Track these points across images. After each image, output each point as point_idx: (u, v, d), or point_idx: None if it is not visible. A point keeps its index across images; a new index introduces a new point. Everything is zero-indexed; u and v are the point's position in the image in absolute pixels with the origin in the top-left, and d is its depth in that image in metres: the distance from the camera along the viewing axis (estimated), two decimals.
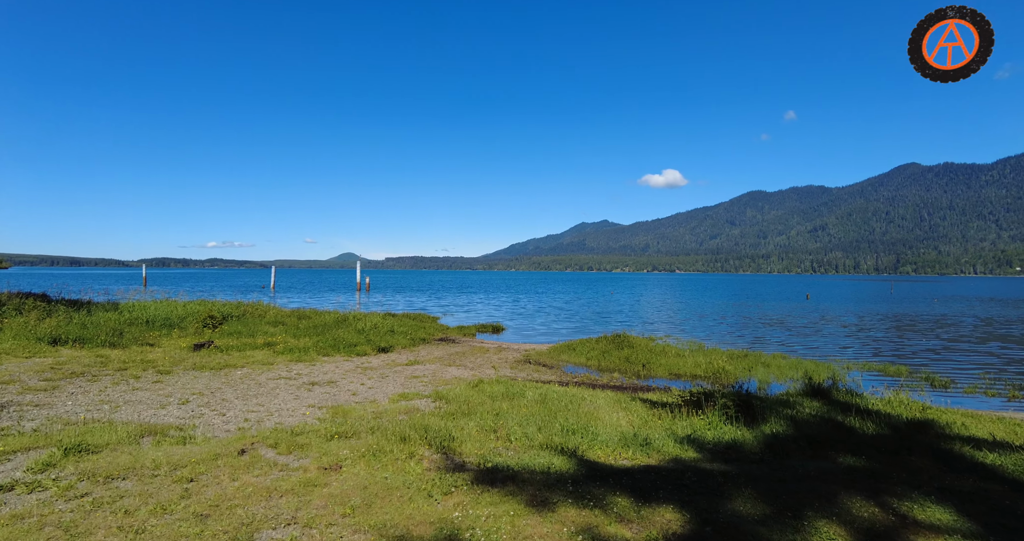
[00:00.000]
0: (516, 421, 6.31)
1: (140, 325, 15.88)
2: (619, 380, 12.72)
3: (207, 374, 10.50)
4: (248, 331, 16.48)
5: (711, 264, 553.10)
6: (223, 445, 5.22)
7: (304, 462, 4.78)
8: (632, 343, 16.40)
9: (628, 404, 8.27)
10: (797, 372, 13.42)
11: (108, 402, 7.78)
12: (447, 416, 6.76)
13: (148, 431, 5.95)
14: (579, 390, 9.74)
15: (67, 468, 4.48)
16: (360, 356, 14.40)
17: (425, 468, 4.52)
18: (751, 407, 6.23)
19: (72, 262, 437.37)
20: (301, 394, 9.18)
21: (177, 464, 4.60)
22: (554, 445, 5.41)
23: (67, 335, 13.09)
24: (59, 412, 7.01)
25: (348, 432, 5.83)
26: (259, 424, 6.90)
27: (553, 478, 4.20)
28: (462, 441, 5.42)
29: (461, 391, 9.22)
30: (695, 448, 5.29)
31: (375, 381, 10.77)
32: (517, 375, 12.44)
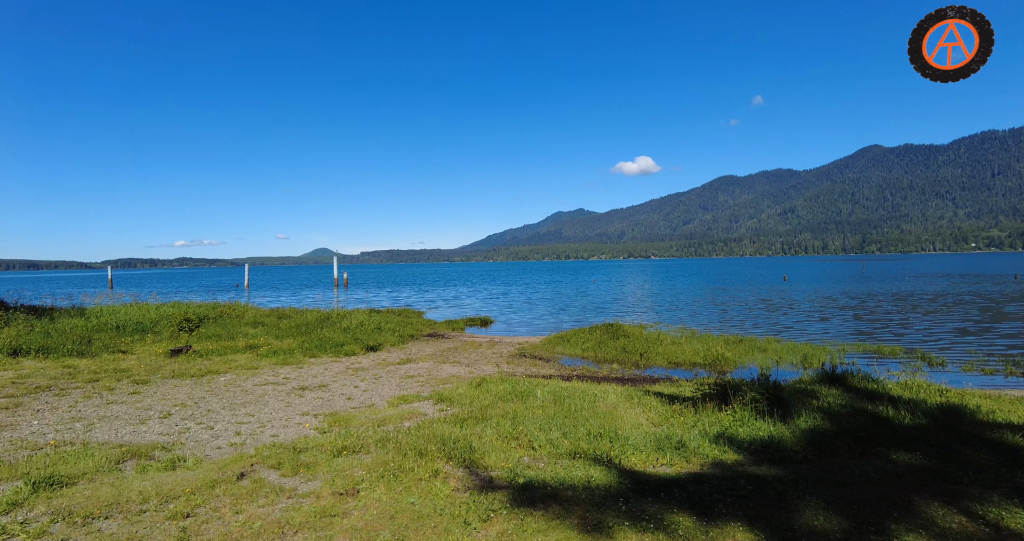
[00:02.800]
0: (536, 425, 5.89)
1: (110, 331, 14.94)
2: (619, 371, 12.44)
3: (188, 382, 9.80)
4: (227, 333, 15.67)
5: (685, 249, 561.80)
6: (219, 468, 4.66)
7: (314, 486, 4.27)
8: (627, 332, 16.14)
9: (641, 399, 7.94)
10: (795, 356, 13.35)
11: (80, 419, 7.08)
12: (458, 422, 6.30)
13: (130, 453, 5.34)
14: (585, 385, 9.38)
15: (37, 507, 3.88)
16: (349, 356, 13.80)
17: (453, 488, 4.07)
18: (782, 400, 5.95)
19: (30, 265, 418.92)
20: (292, 401, 8.60)
21: (168, 495, 4.04)
22: (583, 452, 5.02)
23: (29, 345, 12.14)
24: (23, 434, 6.31)
25: (355, 446, 5.33)
26: (253, 438, 6.35)
27: (599, 495, 3.80)
28: (484, 452, 4.98)
29: (464, 391, 8.76)
30: (733, 449, 4.96)
31: (369, 383, 10.24)
32: (515, 370, 12.04)
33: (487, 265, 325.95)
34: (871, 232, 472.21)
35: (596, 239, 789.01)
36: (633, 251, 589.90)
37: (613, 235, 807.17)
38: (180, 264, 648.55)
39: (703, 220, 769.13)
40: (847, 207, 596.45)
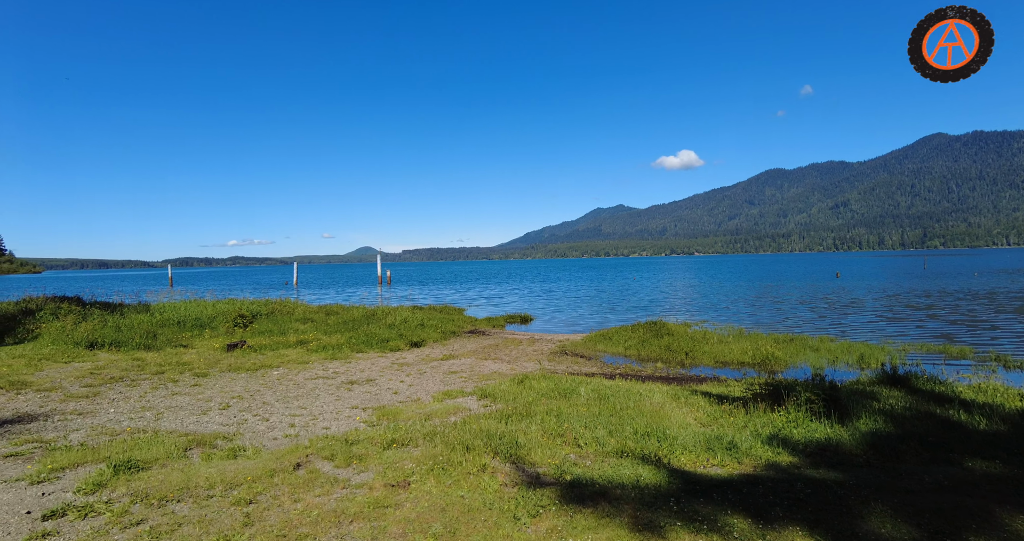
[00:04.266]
0: (581, 423, 5.87)
1: (172, 326, 15.82)
2: (663, 370, 12.21)
3: (244, 375, 10.28)
4: (279, 329, 16.32)
5: (730, 245, 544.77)
6: (276, 458, 4.88)
7: (366, 477, 4.40)
8: (670, 330, 15.83)
9: (688, 398, 7.78)
10: (851, 356, 12.74)
11: (150, 409, 7.55)
12: (503, 418, 6.34)
13: (195, 442, 5.65)
14: (629, 383, 9.27)
15: (119, 488, 4.17)
16: (394, 351, 14.13)
17: (501, 483, 4.11)
18: (839, 401, 5.69)
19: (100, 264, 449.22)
20: (342, 394, 8.89)
21: (232, 482, 4.26)
22: (630, 451, 4.96)
23: (103, 339, 13.03)
24: (103, 420, 6.79)
25: (404, 439, 5.46)
26: (306, 429, 6.60)
27: (649, 494, 3.75)
28: (530, 449, 5.00)
29: (507, 388, 8.82)
30: (788, 451, 4.79)
31: (414, 378, 10.45)
32: (556, 368, 12.01)
33: (525, 263, 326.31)
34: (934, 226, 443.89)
35: (636, 235, 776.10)
36: (675, 247, 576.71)
37: (654, 231, 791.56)
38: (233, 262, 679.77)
39: (749, 215, 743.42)
40: (906, 200, 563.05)
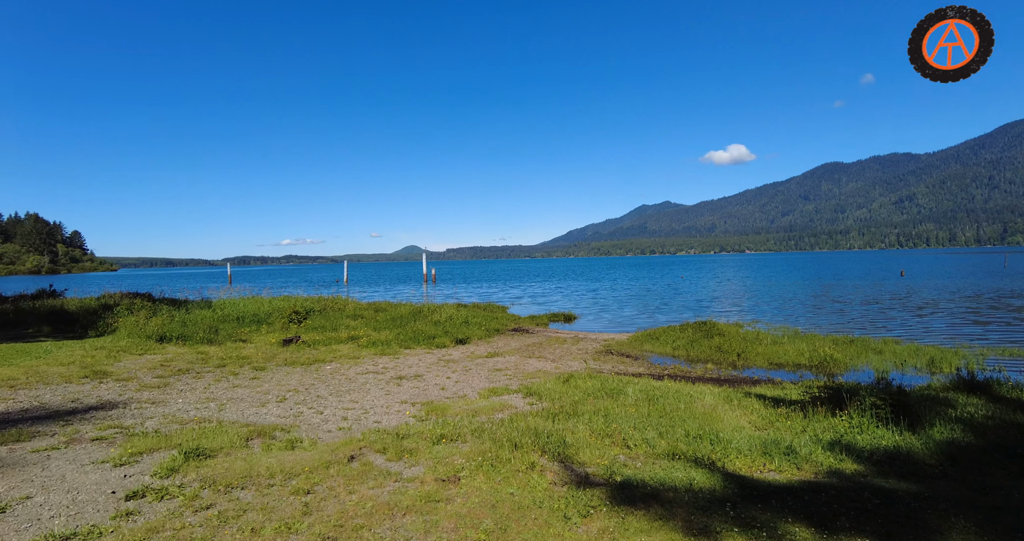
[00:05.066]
0: (629, 424, 5.77)
1: (232, 322, 16.65)
2: (714, 372, 11.85)
3: (299, 370, 10.70)
4: (331, 325, 16.89)
5: (784, 242, 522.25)
6: (331, 451, 5.05)
7: (417, 471, 4.49)
8: (721, 330, 15.34)
9: (741, 401, 7.51)
10: (919, 360, 11.95)
11: (213, 400, 7.98)
12: (549, 417, 6.32)
13: (255, 433, 5.93)
14: (679, 385, 9.04)
15: (189, 474, 4.43)
16: (440, 348, 14.35)
17: (550, 482, 4.09)
18: (909, 407, 5.34)
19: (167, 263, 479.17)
20: (391, 389, 9.10)
21: (291, 472, 4.45)
22: (681, 453, 4.83)
23: (171, 333, 13.88)
24: (172, 410, 7.23)
25: (453, 435, 5.54)
26: (358, 423, 6.79)
27: (703, 498, 3.64)
28: (578, 448, 4.96)
29: (552, 386, 8.79)
30: (852, 458, 4.53)
31: (460, 374, 10.58)
32: (602, 367, 11.87)
33: (568, 261, 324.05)
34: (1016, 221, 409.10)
35: (684, 233, 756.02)
36: (725, 245, 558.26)
37: (703, 228, 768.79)
38: (287, 261, 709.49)
39: (804, 211, 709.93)
40: (982, 193, 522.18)
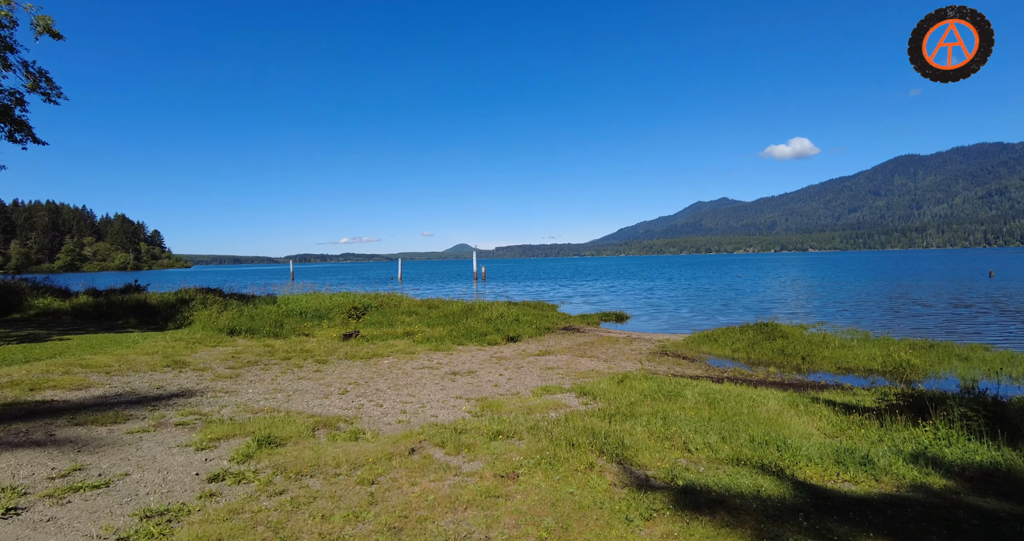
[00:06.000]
0: (689, 427, 5.61)
1: (295, 316, 17.47)
2: (777, 375, 11.33)
3: (358, 363, 11.08)
4: (387, 321, 17.41)
5: (851, 240, 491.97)
6: (393, 443, 5.20)
7: (476, 466, 4.55)
8: (784, 332, 14.66)
9: (808, 406, 7.14)
10: (1015, 368, 10.94)
11: (280, 391, 8.40)
12: (606, 417, 6.25)
13: (320, 423, 6.19)
14: (740, 388, 8.71)
15: (262, 460, 4.69)
16: (491, 345, 14.48)
17: (610, 483, 4.04)
18: (1007, 419, 4.90)
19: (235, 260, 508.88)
20: (446, 384, 9.27)
21: (355, 463, 4.62)
22: (746, 459, 4.65)
23: (240, 326, 14.73)
24: (244, 399, 7.67)
25: (509, 431, 5.58)
26: (415, 416, 6.96)
27: (772, 506, 3.48)
28: (636, 450, 4.87)
29: (607, 387, 8.67)
30: (939, 472, 4.21)
31: (512, 372, 10.63)
32: (657, 369, 11.60)
33: (619, 259, 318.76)
34: None
35: (742, 230, 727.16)
36: (787, 243, 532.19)
37: (762, 226, 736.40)
38: (344, 259, 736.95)
39: (874, 207, 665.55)
40: None
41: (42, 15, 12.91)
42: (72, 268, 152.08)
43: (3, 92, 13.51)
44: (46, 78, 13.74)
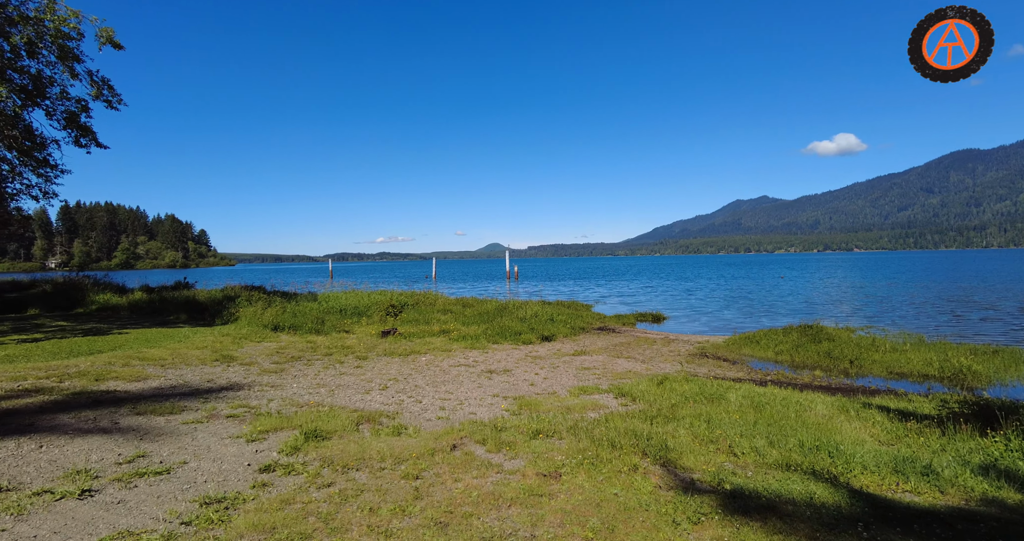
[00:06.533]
0: (735, 430, 5.46)
1: (335, 314, 17.92)
2: (823, 379, 10.92)
3: (397, 360, 11.28)
4: (423, 319, 17.65)
5: (900, 240, 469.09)
6: (434, 439, 5.27)
7: (518, 464, 4.56)
8: (830, 335, 14.11)
9: (860, 412, 6.84)
10: None
11: (324, 386, 8.64)
12: (647, 419, 6.15)
13: (363, 418, 6.33)
14: (785, 391, 8.43)
15: (310, 453, 4.83)
16: (526, 344, 14.48)
17: (655, 485, 3.98)
18: None
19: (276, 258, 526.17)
20: (483, 382, 9.33)
21: (399, 457, 4.70)
22: (796, 465, 4.49)
23: (283, 323, 15.21)
24: (289, 393, 7.92)
25: (548, 431, 5.56)
26: (454, 413, 7.03)
27: (827, 514, 3.35)
28: (680, 452, 4.78)
29: (646, 388, 8.54)
30: (1015, 487, 3.95)
31: (548, 371, 10.61)
32: (697, 370, 11.35)
33: (654, 259, 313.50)
34: None
35: (782, 229, 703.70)
36: (830, 243, 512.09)
37: (804, 225, 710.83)
38: (380, 257, 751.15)
39: (927, 205, 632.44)
40: None
41: (105, 27, 13.68)
42: (127, 266, 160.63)
43: (71, 100, 14.38)
44: (108, 86, 14.53)
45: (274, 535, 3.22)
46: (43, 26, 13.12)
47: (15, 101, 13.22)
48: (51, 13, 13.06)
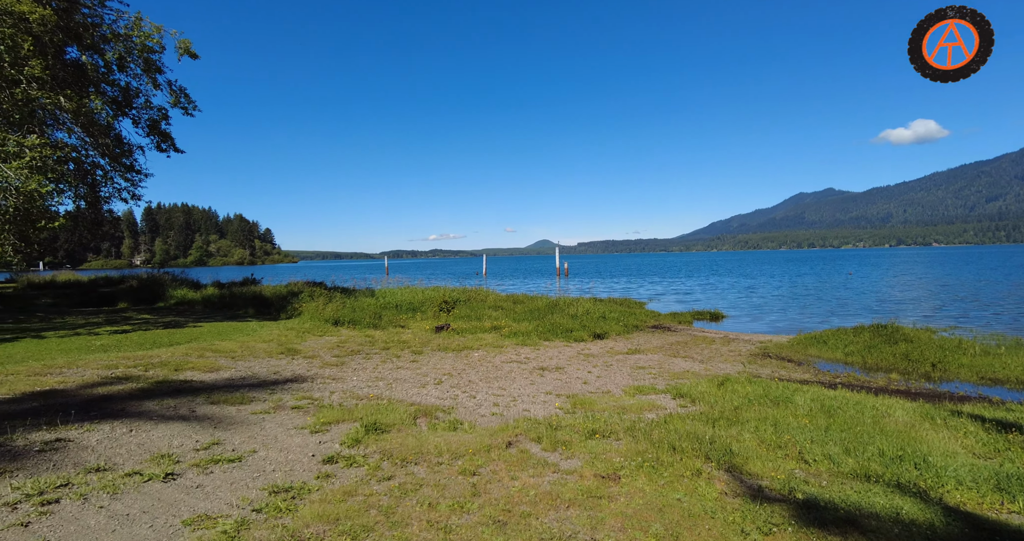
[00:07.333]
0: (805, 436, 5.14)
1: (391, 309, 18.41)
2: (900, 383, 10.15)
3: (451, 355, 11.43)
4: (475, 315, 17.82)
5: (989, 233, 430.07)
6: (490, 435, 5.28)
7: (574, 464, 4.49)
8: (908, 335, 13.12)
9: (948, 420, 6.28)
10: None
11: (382, 379, 8.87)
12: (708, 421, 5.91)
13: (420, 412, 6.44)
14: (858, 395, 7.89)
15: (370, 446, 4.96)
16: (577, 342, 14.32)
17: (720, 491, 3.80)
18: None
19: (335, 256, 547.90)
20: (535, 379, 9.29)
21: (456, 453, 4.73)
22: (876, 476, 4.17)
23: (343, 317, 15.77)
24: (349, 386, 8.18)
25: (605, 431, 5.45)
26: (508, 409, 7.02)
27: (919, 533, 3.08)
28: (746, 457, 4.55)
29: (705, 389, 8.22)
30: None
31: (600, 370, 10.43)
32: (760, 371, 10.84)
33: (710, 255, 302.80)
34: None
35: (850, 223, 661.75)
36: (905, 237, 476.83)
37: (875, 218, 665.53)
38: (432, 254, 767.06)
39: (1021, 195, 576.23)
40: None
41: (183, 39, 14.65)
42: (200, 262, 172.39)
43: (153, 108, 15.51)
44: (185, 94, 15.57)
45: (338, 526, 3.31)
46: (131, 42, 14.20)
47: (108, 112, 14.39)
48: (138, 29, 14.12)
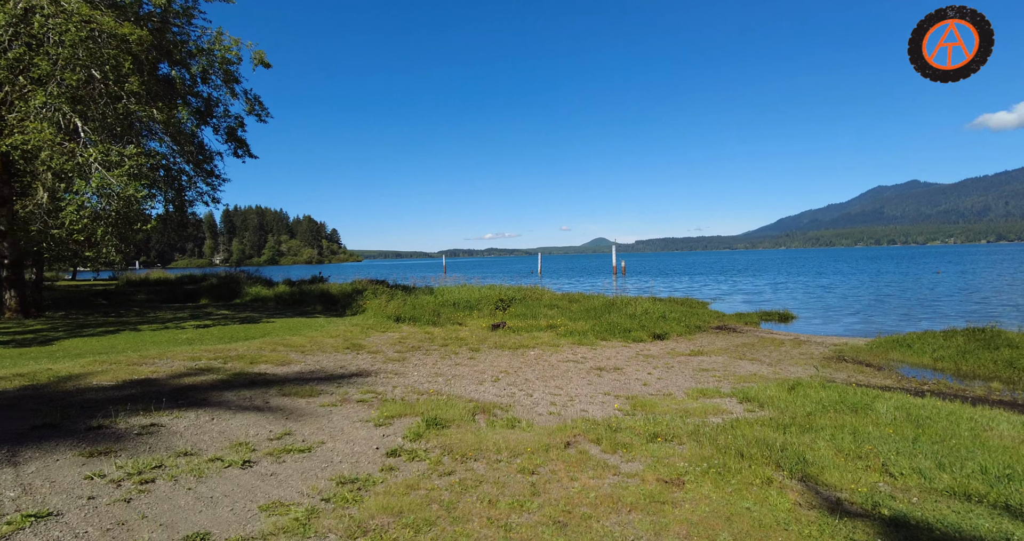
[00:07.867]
0: (889, 447, 4.76)
1: (449, 307, 18.77)
2: (1003, 393, 9.21)
3: (507, 353, 11.49)
4: (531, 313, 17.83)
5: None
6: (548, 434, 5.25)
7: (636, 467, 4.38)
8: (1010, 340, 11.88)
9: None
10: None
11: (441, 375, 9.05)
12: (779, 428, 5.60)
13: (478, 409, 6.51)
14: (951, 405, 7.21)
15: (431, 440, 5.06)
16: (636, 342, 14.00)
17: (793, 502, 3.58)
18: None
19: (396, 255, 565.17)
20: (592, 379, 9.16)
21: (514, 451, 4.74)
22: (978, 495, 3.78)
23: (404, 314, 16.24)
24: (410, 381, 8.41)
25: (667, 434, 5.28)
26: (565, 409, 6.96)
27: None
28: (821, 467, 4.26)
29: (775, 394, 7.80)
30: None
31: (661, 371, 10.14)
32: (834, 376, 10.16)
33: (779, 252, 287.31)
34: None
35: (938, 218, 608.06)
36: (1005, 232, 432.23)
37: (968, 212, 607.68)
38: (488, 253, 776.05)
39: None
40: None
41: (258, 50, 15.63)
42: (272, 262, 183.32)
43: (231, 117, 16.64)
44: (259, 102, 16.58)
45: (401, 519, 3.40)
46: (213, 56, 15.30)
47: (192, 122, 15.58)
48: (219, 43, 15.19)
